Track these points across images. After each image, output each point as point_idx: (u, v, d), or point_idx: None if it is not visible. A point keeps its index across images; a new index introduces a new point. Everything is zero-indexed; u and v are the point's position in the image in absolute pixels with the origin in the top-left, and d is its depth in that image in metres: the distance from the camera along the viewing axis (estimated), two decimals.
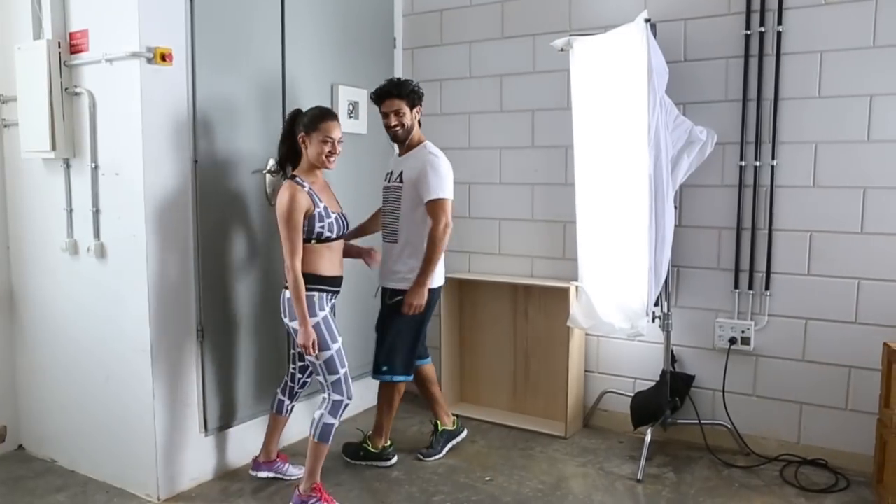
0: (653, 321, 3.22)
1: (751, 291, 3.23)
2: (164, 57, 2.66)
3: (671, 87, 3.06)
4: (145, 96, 2.64)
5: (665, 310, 3.23)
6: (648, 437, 3.16)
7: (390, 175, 3.12)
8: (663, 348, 3.31)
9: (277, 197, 2.66)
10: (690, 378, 3.37)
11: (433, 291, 3.05)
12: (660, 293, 3.13)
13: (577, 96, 3.26)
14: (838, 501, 2.84)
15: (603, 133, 3.16)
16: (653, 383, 3.40)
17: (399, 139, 3.08)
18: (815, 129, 3.06)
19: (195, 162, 2.84)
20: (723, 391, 3.29)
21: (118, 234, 2.79)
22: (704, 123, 3.12)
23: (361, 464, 3.18)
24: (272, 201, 3.04)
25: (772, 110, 3.12)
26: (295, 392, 2.98)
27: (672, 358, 3.34)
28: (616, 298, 3.20)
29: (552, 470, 3.15)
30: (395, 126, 3.02)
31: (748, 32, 3.14)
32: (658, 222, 3.00)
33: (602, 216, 3.21)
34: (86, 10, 2.78)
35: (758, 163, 3.17)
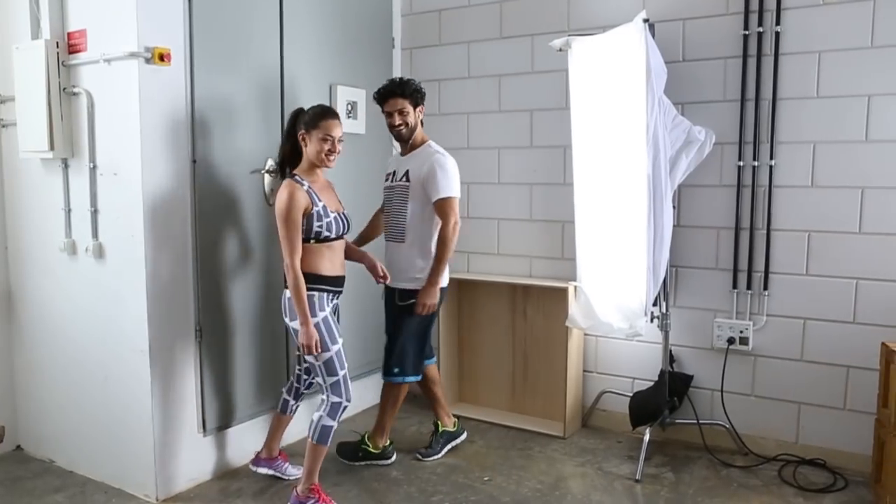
0: (651, 321, 3.22)
1: (749, 291, 3.23)
2: (163, 57, 2.66)
3: (669, 87, 3.07)
4: (143, 96, 2.64)
5: (663, 310, 3.23)
6: (647, 437, 3.17)
7: (393, 175, 3.11)
8: (662, 348, 3.31)
9: (276, 196, 2.65)
10: (689, 378, 3.37)
11: (442, 291, 3.04)
12: (658, 293, 3.13)
13: (576, 96, 3.26)
14: (836, 501, 2.84)
15: (601, 133, 3.16)
16: (651, 383, 3.40)
17: (403, 138, 3.08)
18: (814, 130, 3.06)
19: (194, 162, 2.83)
20: (721, 391, 3.29)
21: (116, 234, 2.78)
22: (703, 123, 3.13)
23: (360, 464, 3.17)
24: (271, 201, 3.04)
25: (770, 110, 3.12)
26: (301, 393, 2.98)
27: (670, 358, 3.34)
28: (614, 298, 3.20)
29: (551, 470, 3.15)
30: (400, 125, 3.02)
31: (746, 32, 3.14)
32: (656, 222, 3.00)
33: (600, 216, 3.21)
34: (84, 10, 2.78)
35: (756, 163, 3.17)
